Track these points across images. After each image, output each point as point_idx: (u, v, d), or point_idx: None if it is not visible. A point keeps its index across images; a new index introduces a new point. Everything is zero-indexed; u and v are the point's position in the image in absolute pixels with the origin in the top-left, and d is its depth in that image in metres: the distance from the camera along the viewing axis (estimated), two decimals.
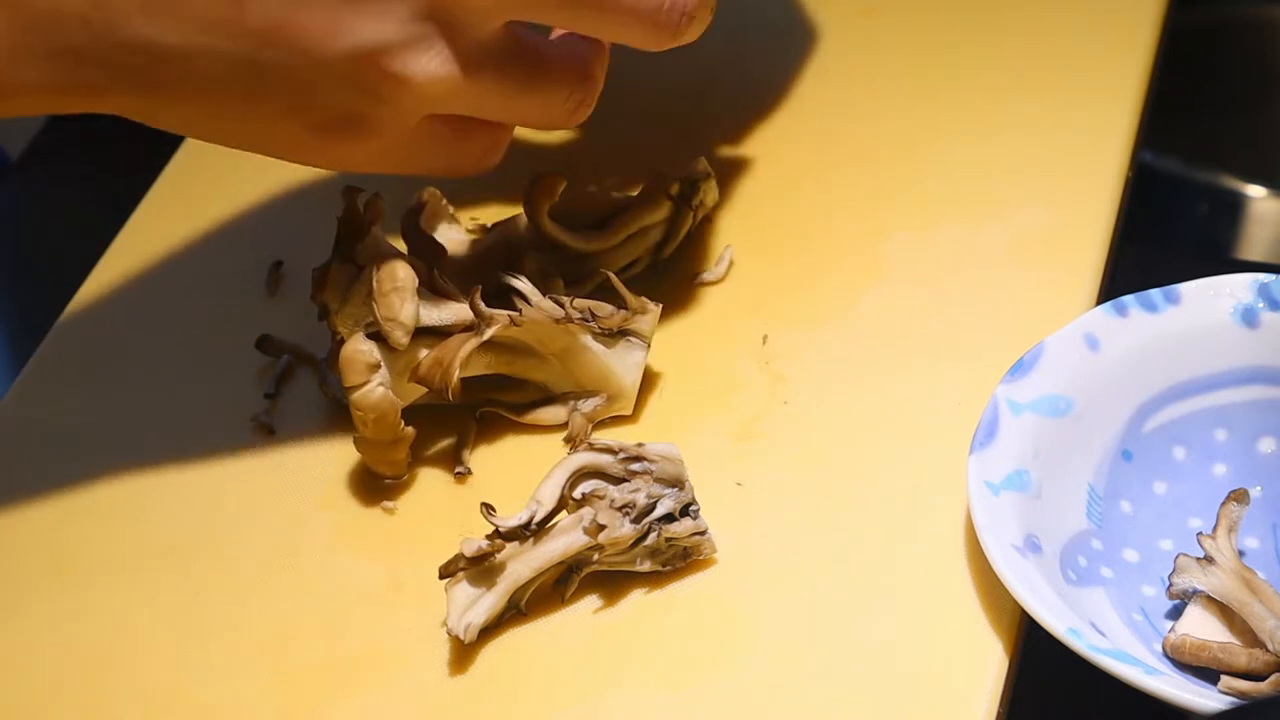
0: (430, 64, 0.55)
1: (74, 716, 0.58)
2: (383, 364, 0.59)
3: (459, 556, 0.56)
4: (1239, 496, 0.58)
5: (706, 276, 0.68)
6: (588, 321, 0.61)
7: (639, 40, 0.58)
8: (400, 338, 0.58)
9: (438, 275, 0.60)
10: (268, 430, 0.65)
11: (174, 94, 0.55)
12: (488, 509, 0.57)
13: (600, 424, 0.63)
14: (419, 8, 0.55)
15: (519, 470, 0.62)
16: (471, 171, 0.60)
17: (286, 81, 0.55)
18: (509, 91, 0.58)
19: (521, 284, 0.60)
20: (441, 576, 0.57)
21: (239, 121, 0.56)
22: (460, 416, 0.63)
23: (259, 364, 0.67)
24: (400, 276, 0.59)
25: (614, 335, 0.62)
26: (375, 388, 0.59)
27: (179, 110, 0.56)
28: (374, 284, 0.59)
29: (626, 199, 0.67)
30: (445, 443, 0.64)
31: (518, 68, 0.57)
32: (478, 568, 0.56)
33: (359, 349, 0.59)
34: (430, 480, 0.63)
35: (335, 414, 0.65)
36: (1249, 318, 0.60)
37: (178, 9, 0.53)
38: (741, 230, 0.69)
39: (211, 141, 0.58)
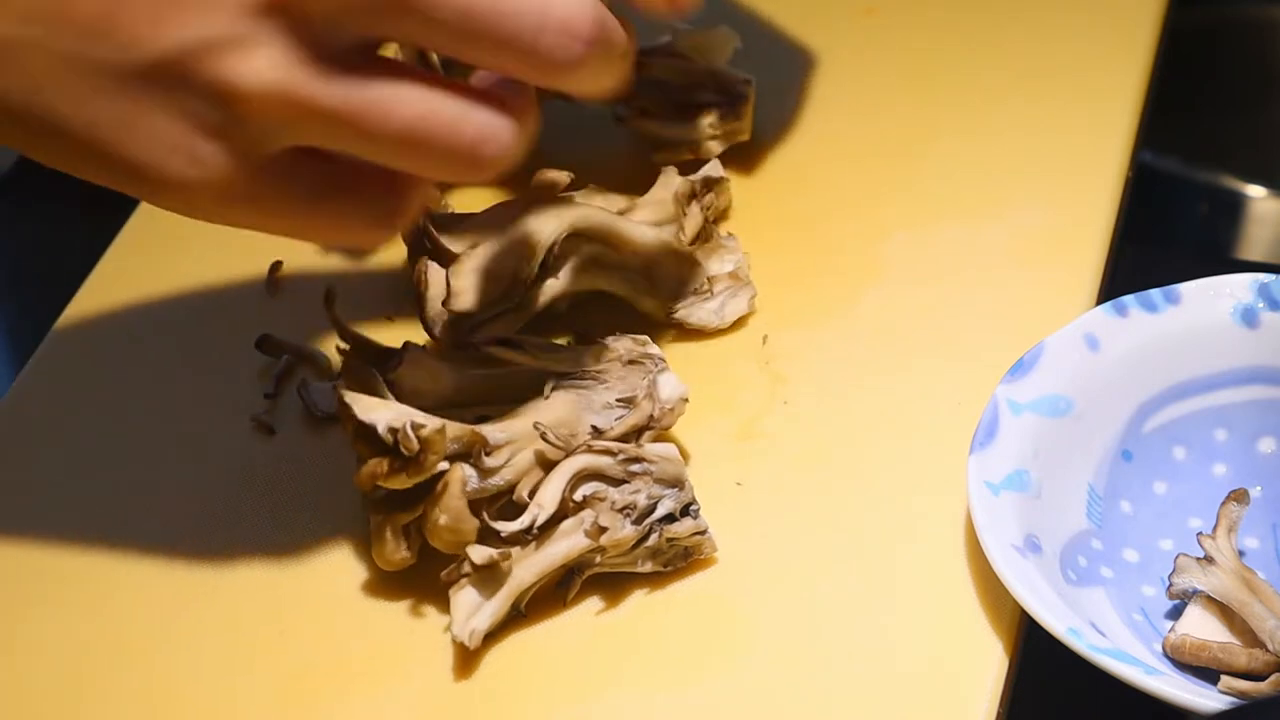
0: (261, 67, 0.48)
1: (73, 716, 0.58)
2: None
3: (464, 562, 0.56)
4: (1239, 496, 0.58)
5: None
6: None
7: (515, 67, 0.50)
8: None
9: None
10: (268, 430, 0.65)
11: (5, 99, 0.50)
12: (489, 515, 0.57)
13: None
14: (249, 3, 0.48)
15: None
16: (360, 241, 0.55)
17: (107, 89, 0.49)
18: (357, 114, 0.49)
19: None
20: (445, 582, 0.56)
21: (64, 136, 0.51)
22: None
23: (259, 364, 0.67)
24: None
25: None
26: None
27: (12, 122, 0.51)
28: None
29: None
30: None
31: (368, 88, 0.49)
32: (481, 574, 0.56)
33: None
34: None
35: (335, 414, 0.65)
36: (1249, 318, 0.60)
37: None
38: (741, 230, 0.69)
39: (46, 161, 0.52)
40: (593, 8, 0.49)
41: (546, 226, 0.63)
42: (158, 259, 0.72)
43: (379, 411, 0.55)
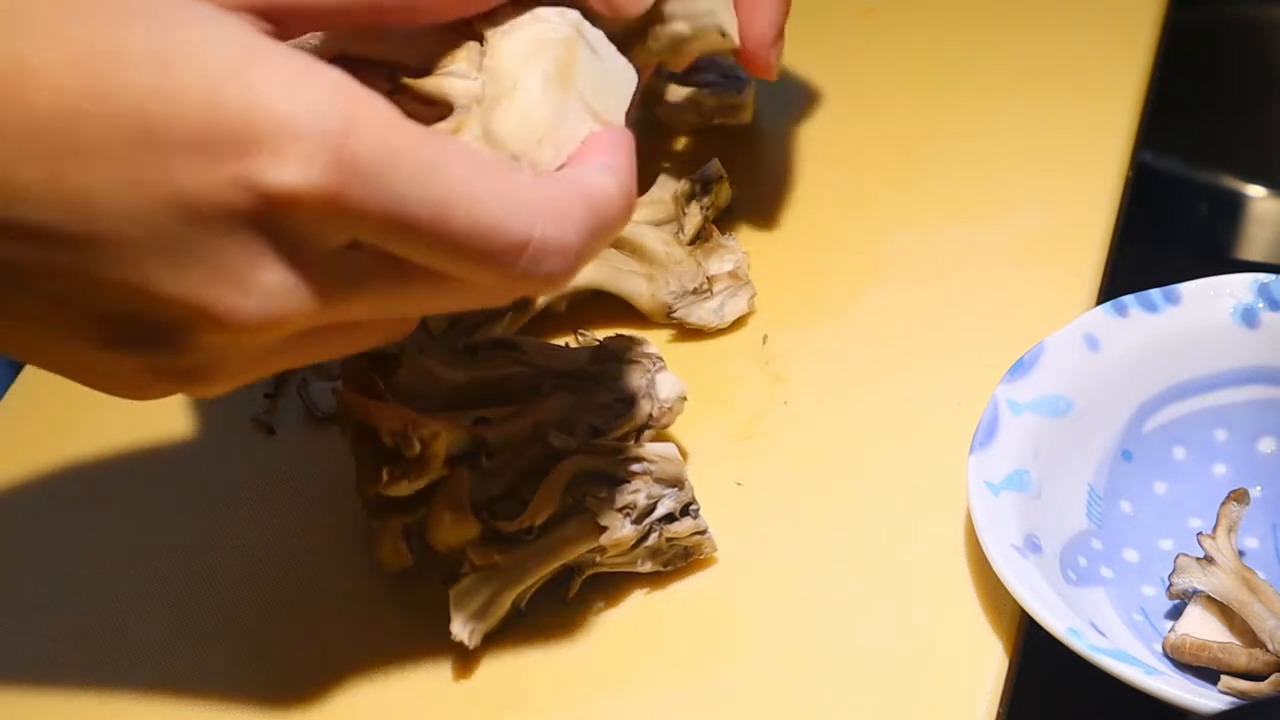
0: (257, 304, 0.47)
1: (73, 716, 0.58)
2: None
3: (464, 562, 0.56)
4: (1239, 496, 0.58)
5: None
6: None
7: (485, 285, 0.48)
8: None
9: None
10: (268, 430, 0.65)
11: None
12: (490, 514, 0.57)
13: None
14: (192, 335, 0.47)
15: None
16: (382, 344, 0.53)
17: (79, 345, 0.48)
18: (316, 355, 0.50)
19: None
20: (445, 582, 0.56)
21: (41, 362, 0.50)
22: None
23: None
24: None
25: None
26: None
27: None
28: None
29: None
30: None
31: (321, 346, 0.49)
32: (481, 573, 0.56)
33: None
34: None
35: (334, 414, 0.65)
36: (1249, 318, 0.60)
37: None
38: (741, 230, 0.69)
39: (32, 363, 0.52)
40: (584, 208, 0.49)
41: None
42: None
43: (380, 415, 0.55)
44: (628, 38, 0.59)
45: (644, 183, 0.67)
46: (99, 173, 0.44)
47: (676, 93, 0.71)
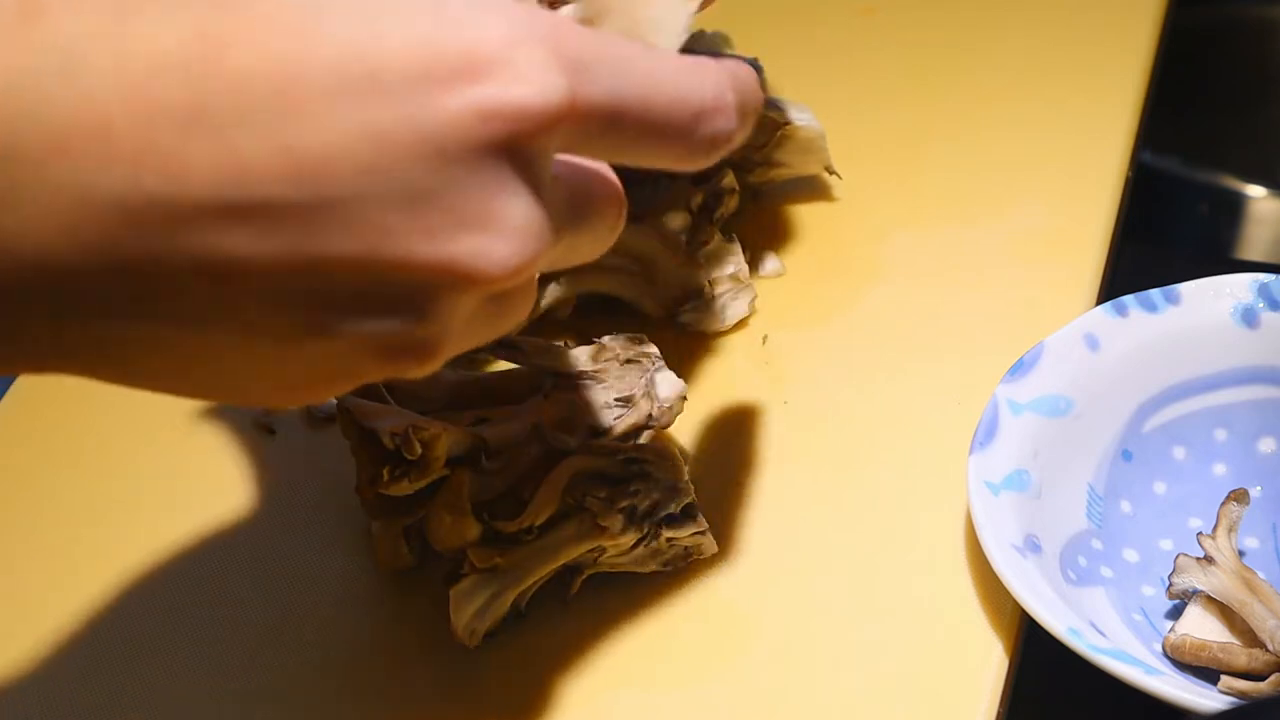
0: (435, 353, 0.43)
1: (72, 715, 0.58)
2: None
3: (464, 562, 0.56)
4: (1239, 496, 0.58)
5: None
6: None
7: (670, 161, 0.47)
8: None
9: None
10: (268, 430, 0.65)
11: (147, 373, 0.43)
12: (490, 515, 0.57)
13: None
14: (432, 307, 0.42)
15: None
16: (509, 329, 0.49)
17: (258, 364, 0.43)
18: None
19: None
20: (445, 582, 0.57)
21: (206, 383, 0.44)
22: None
23: None
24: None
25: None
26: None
27: (155, 383, 0.43)
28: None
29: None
30: None
31: (490, 315, 0.46)
32: (481, 573, 0.56)
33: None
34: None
35: (334, 415, 0.65)
36: (1249, 318, 0.60)
37: (160, 290, 0.40)
38: (741, 230, 0.69)
39: (169, 391, 0.44)
40: (730, 76, 0.47)
41: None
42: None
43: (380, 417, 0.55)
44: None
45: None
46: (327, 128, 0.40)
47: None
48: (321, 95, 0.40)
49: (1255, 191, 0.86)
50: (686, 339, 0.66)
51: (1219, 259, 0.85)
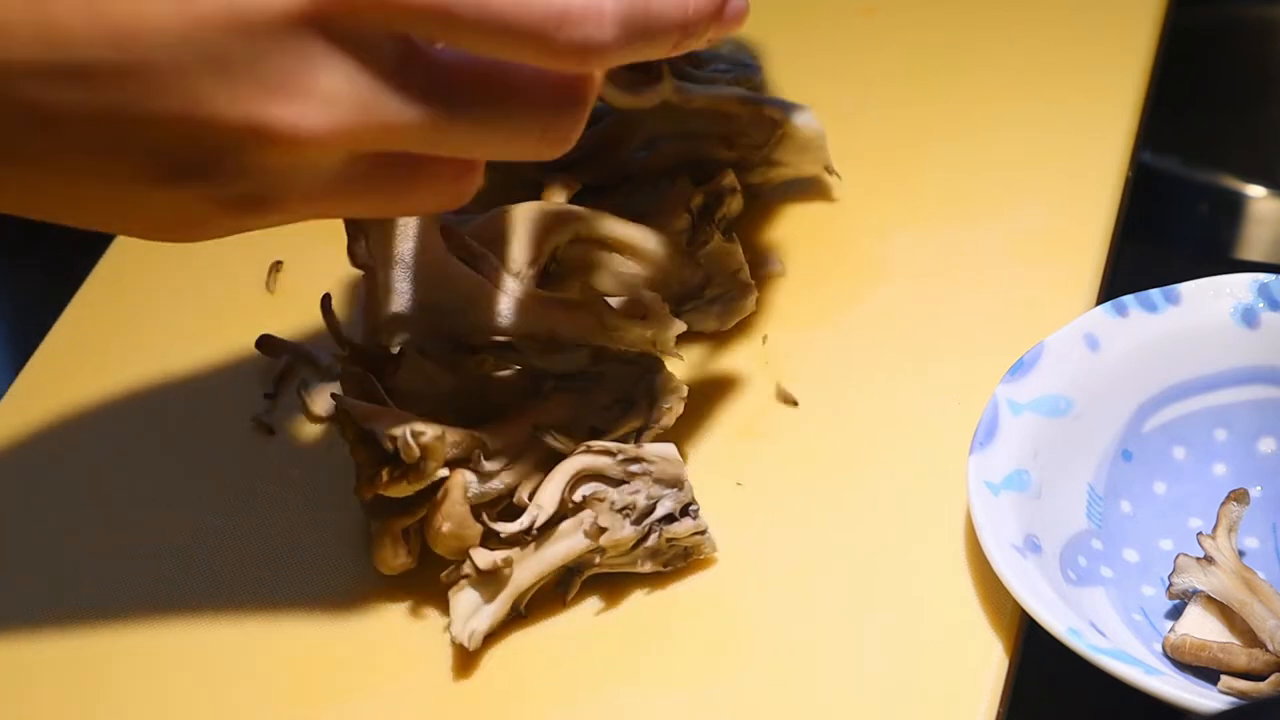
0: (279, 205, 0.48)
1: (73, 715, 0.58)
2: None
3: (464, 564, 0.56)
4: (1239, 496, 0.58)
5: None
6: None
7: (533, 60, 0.48)
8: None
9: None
10: (268, 430, 0.65)
11: (29, 155, 0.47)
12: (489, 517, 0.57)
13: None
14: (251, 163, 0.46)
15: None
16: (443, 207, 0.51)
17: (147, 137, 0.46)
18: (378, 204, 0.50)
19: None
20: (445, 584, 0.57)
21: (103, 191, 0.48)
22: None
23: (259, 364, 0.67)
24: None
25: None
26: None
27: (30, 172, 0.48)
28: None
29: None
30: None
31: (384, 184, 0.49)
32: (481, 575, 0.56)
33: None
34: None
35: (334, 415, 0.65)
36: (1249, 318, 0.60)
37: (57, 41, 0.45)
38: (742, 231, 0.69)
39: (68, 221, 0.50)
40: None
41: (550, 231, 0.63)
42: (158, 259, 0.72)
43: (379, 419, 0.55)
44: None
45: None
46: (140, 1, 0.44)
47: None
48: None
49: (1255, 191, 0.86)
50: (687, 339, 0.66)
51: (1219, 259, 0.85)
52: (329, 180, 0.48)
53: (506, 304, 0.59)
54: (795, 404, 0.63)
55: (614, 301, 0.59)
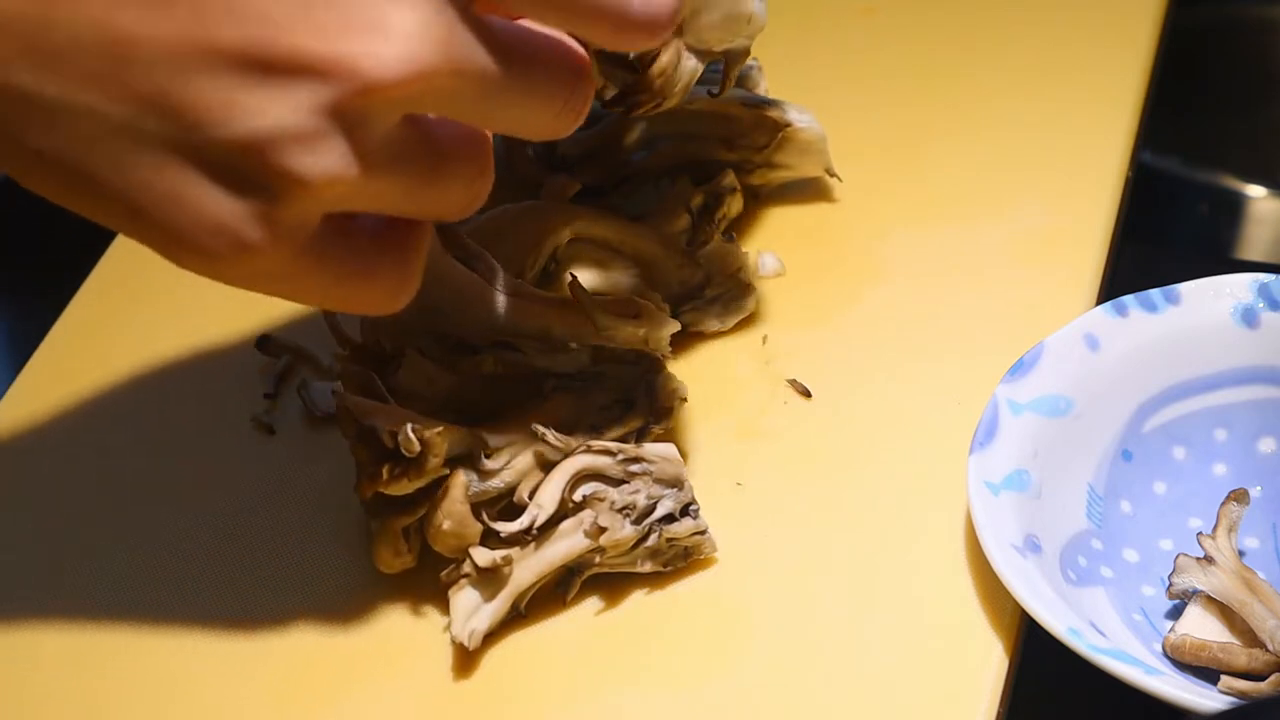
0: (331, 163, 0.46)
1: (73, 715, 0.58)
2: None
3: (464, 563, 0.56)
4: (1239, 496, 0.58)
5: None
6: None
7: (603, 33, 0.48)
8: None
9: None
10: (268, 430, 0.65)
11: (44, 151, 0.47)
12: (489, 516, 0.57)
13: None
14: (323, 100, 0.45)
15: None
16: (457, 211, 0.50)
17: (159, 160, 0.46)
18: (410, 187, 0.48)
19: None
20: (445, 584, 0.57)
21: (109, 198, 0.47)
22: None
23: (259, 364, 0.67)
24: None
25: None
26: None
27: (49, 172, 0.47)
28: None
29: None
30: None
31: (420, 161, 0.48)
32: (481, 574, 0.56)
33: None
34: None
35: (334, 414, 0.65)
36: (1249, 318, 0.60)
37: (61, 60, 0.45)
38: (741, 231, 0.69)
39: (81, 214, 0.49)
40: None
41: (550, 231, 0.63)
42: (158, 259, 0.72)
43: (380, 416, 0.55)
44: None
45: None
46: None
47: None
48: None
49: (1255, 191, 0.86)
50: (686, 339, 0.66)
51: (1219, 259, 0.85)
52: (369, 150, 0.46)
53: (502, 303, 0.59)
54: (809, 395, 0.63)
55: (605, 299, 0.59)
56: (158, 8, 0.44)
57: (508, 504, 0.57)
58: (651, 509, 0.57)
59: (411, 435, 0.54)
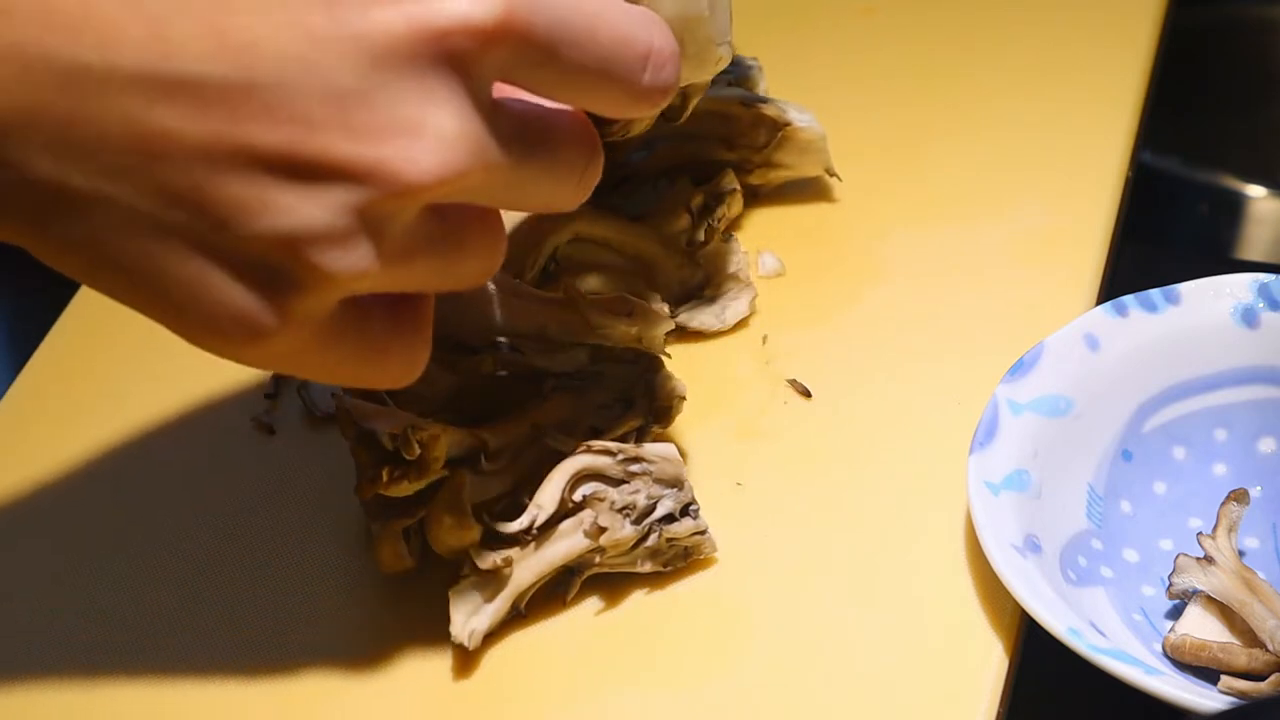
0: (358, 260, 0.45)
1: (73, 714, 0.58)
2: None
3: (464, 563, 0.56)
4: (1239, 496, 0.58)
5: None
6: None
7: (613, 105, 0.49)
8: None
9: None
10: (268, 430, 0.65)
11: (68, 238, 0.46)
12: (490, 516, 0.57)
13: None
14: (356, 202, 0.45)
15: None
16: (476, 281, 0.50)
17: (183, 252, 0.46)
18: (429, 270, 0.48)
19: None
20: (445, 583, 0.56)
21: (132, 283, 0.47)
22: None
23: None
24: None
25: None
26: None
27: (72, 256, 0.47)
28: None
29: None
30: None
31: (440, 246, 0.48)
32: (481, 574, 0.56)
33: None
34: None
35: (334, 414, 0.65)
36: (1249, 318, 0.60)
37: (87, 152, 0.44)
38: (741, 230, 0.69)
39: (107, 295, 0.49)
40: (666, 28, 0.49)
41: (550, 231, 0.63)
42: None
43: (379, 418, 0.55)
44: None
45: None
46: (261, 18, 0.43)
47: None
48: None
49: (1255, 191, 0.86)
50: (686, 339, 0.66)
51: (1219, 259, 0.85)
52: (394, 244, 0.46)
53: (500, 303, 0.59)
54: (809, 395, 0.63)
55: (599, 298, 0.59)
56: (194, 105, 0.44)
57: (508, 504, 0.57)
58: (651, 509, 0.57)
59: (411, 437, 0.54)
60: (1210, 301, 0.61)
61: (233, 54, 0.43)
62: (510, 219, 0.63)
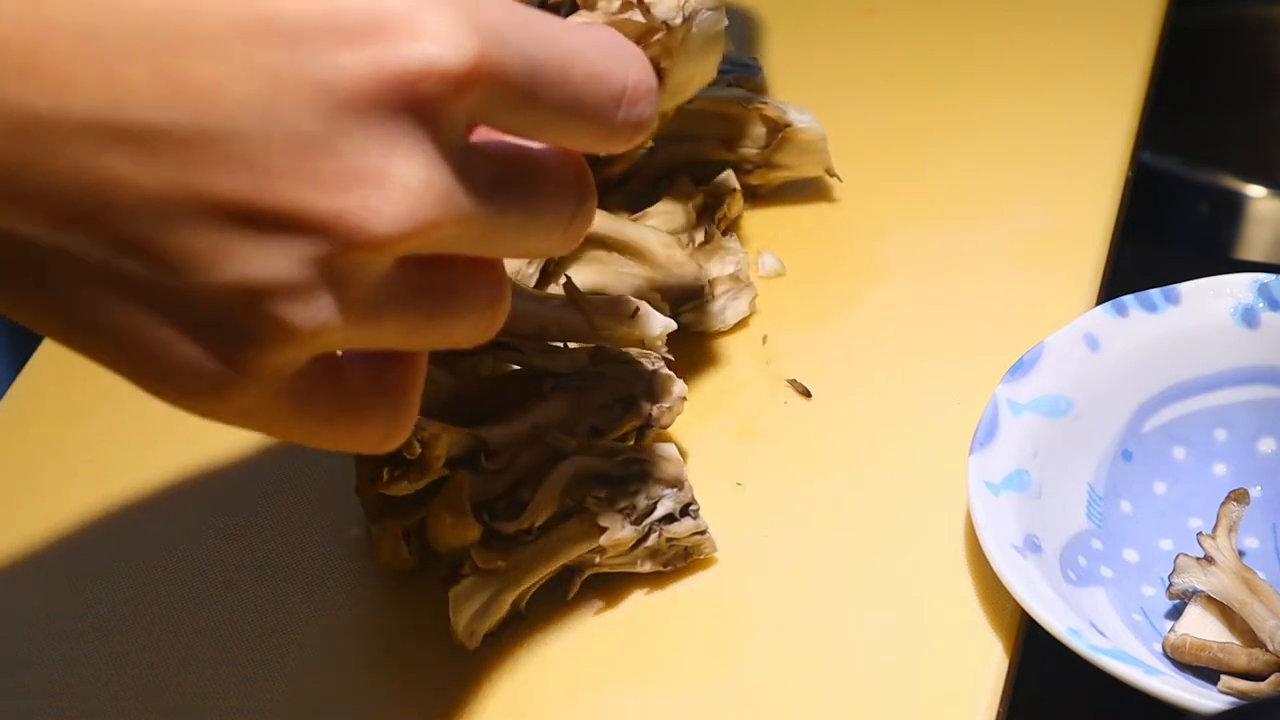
0: (317, 313, 0.43)
1: (72, 714, 0.58)
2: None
3: (464, 563, 0.56)
4: (1239, 496, 0.58)
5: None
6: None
7: (588, 142, 0.46)
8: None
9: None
10: None
11: (18, 289, 0.44)
12: (490, 516, 0.57)
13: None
14: (317, 254, 0.42)
15: None
16: (474, 340, 0.47)
17: (135, 303, 0.43)
18: (410, 327, 0.45)
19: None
20: (445, 583, 0.56)
21: (84, 335, 0.44)
22: None
23: None
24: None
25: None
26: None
27: (24, 307, 0.45)
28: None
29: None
30: None
31: (421, 301, 0.45)
32: (481, 574, 0.56)
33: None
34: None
35: None
36: (1249, 318, 0.60)
37: (35, 201, 0.42)
38: (741, 230, 0.69)
39: (64, 345, 0.46)
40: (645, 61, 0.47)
41: None
42: None
43: None
44: None
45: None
46: (217, 62, 0.41)
47: None
48: (216, 32, 0.40)
49: (1255, 191, 0.86)
50: (686, 339, 0.66)
51: (1219, 259, 0.85)
52: (361, 298, 0.44)
53: None
54: (809, 395, 0.63)
55: (601, 299, 0.59)
56: (147, 152, 0.41)
57: (508, 504, 0.57)
58: (651, 509, 0.57)
59: (411, 438, 0.54)
60: (1210, 301, 0.61)
61: (189, 99, 0.41)
62: None
